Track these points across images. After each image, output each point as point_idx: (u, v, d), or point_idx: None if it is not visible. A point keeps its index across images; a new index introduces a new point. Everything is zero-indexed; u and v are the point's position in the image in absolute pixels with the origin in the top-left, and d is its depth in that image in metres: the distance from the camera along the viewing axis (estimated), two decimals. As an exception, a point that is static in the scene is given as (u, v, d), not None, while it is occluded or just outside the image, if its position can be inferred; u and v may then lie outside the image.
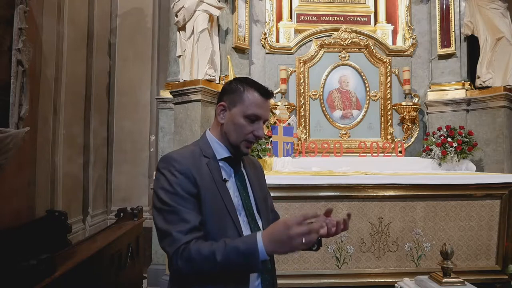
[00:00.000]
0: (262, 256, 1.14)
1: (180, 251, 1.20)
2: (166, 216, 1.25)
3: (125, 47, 5.81)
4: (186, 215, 1.24)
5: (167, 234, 1.23)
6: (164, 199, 1.26)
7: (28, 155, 3.60)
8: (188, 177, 1.29)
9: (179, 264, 1.20)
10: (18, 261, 1.91)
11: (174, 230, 1.22)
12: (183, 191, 1.27)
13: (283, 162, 4.02)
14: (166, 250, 1.24)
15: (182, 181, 1.28)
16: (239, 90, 1.39)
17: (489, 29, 4.46)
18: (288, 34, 4.93)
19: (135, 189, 5.69)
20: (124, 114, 5.77)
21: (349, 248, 3.34)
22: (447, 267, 2.46)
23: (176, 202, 1.25)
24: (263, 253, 1.13)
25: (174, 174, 1.28)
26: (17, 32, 3.09)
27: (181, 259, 1.19)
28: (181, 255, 1.19)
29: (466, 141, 4.25)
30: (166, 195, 1.26)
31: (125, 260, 3.35)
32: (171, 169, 1.30)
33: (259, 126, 1.40)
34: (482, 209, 3.43)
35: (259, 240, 1.14)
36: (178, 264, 1.20)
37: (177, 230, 1.22)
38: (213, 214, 1.30)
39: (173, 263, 1.22)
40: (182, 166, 1.30)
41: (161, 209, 1.27)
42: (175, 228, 1.22)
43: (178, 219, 1.24)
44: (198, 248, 1.19)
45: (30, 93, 3.32)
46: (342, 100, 4.78)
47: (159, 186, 1.30)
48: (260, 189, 1.52)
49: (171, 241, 1.22)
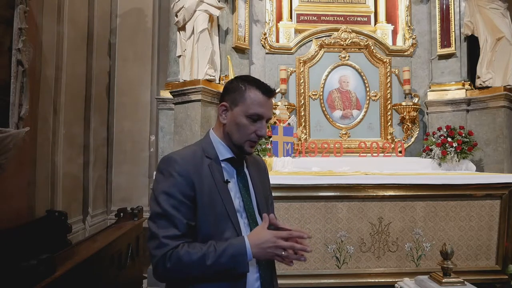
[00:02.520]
0: (249, 258, 1.23)
1: (168, 255, 1.21)
2: (158, 220, 1.26)
3: (125, 47, 5.81)
4: (177, 221, 1.25)
5: (155, 237, 1.24)
6: (159, 201, 1.27)
7: (28, 155, 3.60)
8: (186, 179, 1.29)
9: (168, 267, 1.21)
10: (18, 261, 1.91)
11: (162, 234, 1.23)
12: (179, 193, 1.27)
13: (283, 162, 4.02)
14: (152, 253, 1.25)
15: (180, 183, 1.28)
16: (241, 89, 1.37)
17: (489, 29, 4.46)
18: (288, 34, 4.93)
19: (135, 189, 5.69)
20: (124, 114, 5.77)
21: (349, 248, 3.34)
22: (447, 267, 2.46)
23: (171, 205, 1.26)
24: (250, 255, 1.23)
25: (173, 176, 1.28)
26: (17, 32, 3.09)
27: (170, 262, 1.21)
28: (169, 258, 1.21)
29: (466, 141, 4.25)
30: (162, 197, 1.27)
31: (125, 260, 3.34)
32: (170, 170, 1.29)
33: (262, 125, 1.38)
34: (482, 209, 3.43)
35: (247, 244, 1.23)
36: (166, 267, 1.21)
37: (166, 235, 1.23)
38: (211, 217, 1.30)
39: (158, 267, 1.23)
40: (181, 168, 1.30)
41: (155, 211, 1.28)
42: (165, 232, 1.24)
43: (169, 224, 1.25)
44: (188, 253, 1.22)
45: (30, 93, 3.32)
46: (342, 100, 4.78)
47: (157, 187, 1.30)
48: (263, 189, 1.51)
49: (158, 245, 1.23)
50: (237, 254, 1.22)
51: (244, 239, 1.24)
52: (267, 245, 1.23)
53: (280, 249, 1.23)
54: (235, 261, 1.22)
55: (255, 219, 1.39)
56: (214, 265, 1.20)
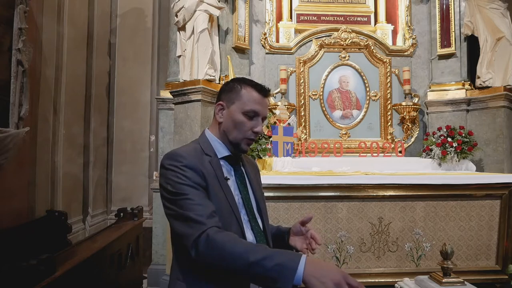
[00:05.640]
0: (297, 278, 1.05)
1: (205, 236, 1.13)
2: (181, 204, 1.21)
3: (125, 47, 5.82)
4: (202, 200, 1.22)
5: (187, 219, 1.18)
6: (174, 190, 1.23)
7: (28, 155, 3.60)
8: (196, 171, 1.27)
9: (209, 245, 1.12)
10: (18, 261, 1.91)
11: (193, 213, 1.17)
12: (193, 182, 1.25)
13: (283, 162, 4.02)
14: (188, 235, 1.16)
15: (192, 174, 1.26)
16: (237, 88, 1.41)
17: (489, 29, 4.46)
18: (288, 34, 4.93)
19: (135, 189, 5.69)
20: (124, 114, 5.78)
21: (349, 248, 3.34)
22: (447, 267, 2.46)
23: (188, 191, 1.23)
24: (299, 275, 1.05)
25: (182, 169, 1.26)
26: (17, 32, 3.10)
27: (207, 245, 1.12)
28: (211, 237, 1.13)
29: (466, 141, 4.25)
30: (177, 186, 1.23)
31: (125, 260, 3.35)
32: (178, 164, 1.27)
33: (258, 123, 1.40)
34: (482, 209, 3.43)
35: (302, 261, 1.06)
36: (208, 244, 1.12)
37: (197, 213, 1.18)
38: (218, 210, 1.28)
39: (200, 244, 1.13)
40: (189, 161, 1.29)
41: (172, 200, 1.24)
42: (194, 211, 1.18)
43: (195, 204, 1.20)
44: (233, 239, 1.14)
45: (30, 93, 3.32)
46: (342, 100, 4.78)
47: (167, 181, 1.26)
48: (259, 188, 1.53)
49: (193, 224, 1.16)
50: (286, 265, 1.06)
51: (302, 256, 1.08)
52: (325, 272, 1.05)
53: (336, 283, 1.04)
54: (280, 272, 1.05)
55: (254, 216, 1.41)
56: (256, 264, 1.08)
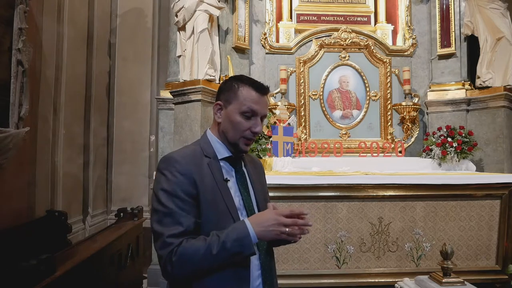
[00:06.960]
0: (254, 239, 1.22)
1: (174, 251, 1.20)
2: (162, 218, 1.25)
3: (125, 47, 5.82)
4: (182, 218, 1.25)
5: (160, 236, 1.23)
6: (162, 201, 1.26)
7: (28, 155, 3.60)
8: (188, 178, 1.29)
9: (174, 262, 1.19)
10: (18, 261, 1.91)
11: (168, 234, 1.22)
12: (182, 192, 1.27)
13: (283, 162, 4.02)
14: (158, 254, 1.24)
15: (182, 182, 1.28)
16: (234, 87, 1.39)
17: (489, 29, 4.46)
18: (288, 34, 4.93)
19: (135, 189, 5.69)
20: (124, 114, 5.78)
21: (349, 248, 3.34)
22: (447, 267, 2.46)
23: (174, 203, 1.25)
24: (254, 236, 1.21)
25: (175, 175, 1.28)
26: (17, 32, 3.09)
27: (175, 256, 1.20)
28: (174, 254, 1.20)
29: (466, 141, 4.25)
30: (165, 196, 1.26)
31: (125, 260, 3.35)
32: (171, 169, 1.29)
33: (256, 122, 1.38)
34: (482, 209, 3.43)
35: (248, 225, 1.22)
36: (173, 263, 1.20)
37: (171, 233, 1.22)
38: (213, 215, 1.29)
39: (167, 265, 1.21)
40: (182, 167, 1.30)
41: (158, 210, 1.27)
42: (169, 231, 1.23)
43: (173, 222, 1.24)
44: (192, 245, 1.21)
45: (30, 93, 3.32)
46: (342, 100, 4.78)
47: (159, 187, 1.29)
48: (261, 188, 1.52)
49: (163, 244, 1.22)
50: (241, 236, 1.21)
51: (245, 221, 1.24)
52: (270, 223, 1.22)
53: (283, 226, 1.22)
54: (241, 244, 1.20)
55: None
56: (220, 252, 1.19)
